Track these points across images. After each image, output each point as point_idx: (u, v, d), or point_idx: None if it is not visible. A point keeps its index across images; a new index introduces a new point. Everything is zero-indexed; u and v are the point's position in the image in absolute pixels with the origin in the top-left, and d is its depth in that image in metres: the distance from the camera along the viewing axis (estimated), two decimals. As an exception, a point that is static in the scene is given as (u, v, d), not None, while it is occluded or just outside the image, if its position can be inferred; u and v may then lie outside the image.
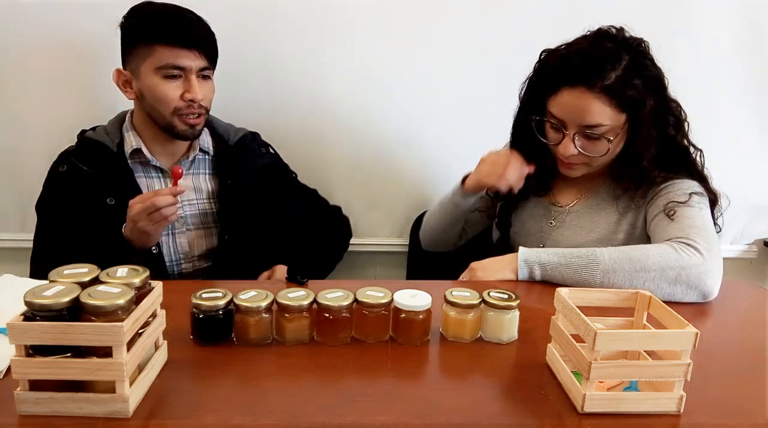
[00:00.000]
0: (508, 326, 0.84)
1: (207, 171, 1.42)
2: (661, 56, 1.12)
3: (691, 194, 1.12)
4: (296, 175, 1.54)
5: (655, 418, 0.68)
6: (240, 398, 0.70)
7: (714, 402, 0.72)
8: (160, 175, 1.36)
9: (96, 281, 0.70)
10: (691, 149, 1.18)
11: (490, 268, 1.12)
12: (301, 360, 0.79)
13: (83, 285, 0.67)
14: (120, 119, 1.39)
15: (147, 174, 1.35)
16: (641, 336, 0.72)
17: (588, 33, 1.14)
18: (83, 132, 1.37)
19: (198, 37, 1.27)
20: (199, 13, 1.30)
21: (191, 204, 1.38)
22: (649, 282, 1.00)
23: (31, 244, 1.35)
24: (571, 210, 1.26)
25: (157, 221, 1.16)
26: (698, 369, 0.67)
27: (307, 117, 1.63)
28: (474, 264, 1.13)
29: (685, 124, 1.17)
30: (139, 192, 1.30)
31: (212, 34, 1.31)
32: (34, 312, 0.63)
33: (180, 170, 1.19)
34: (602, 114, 1.09)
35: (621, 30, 1.12)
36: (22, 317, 0.63)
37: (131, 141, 1.33)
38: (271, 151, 1.49)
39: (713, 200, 1.16)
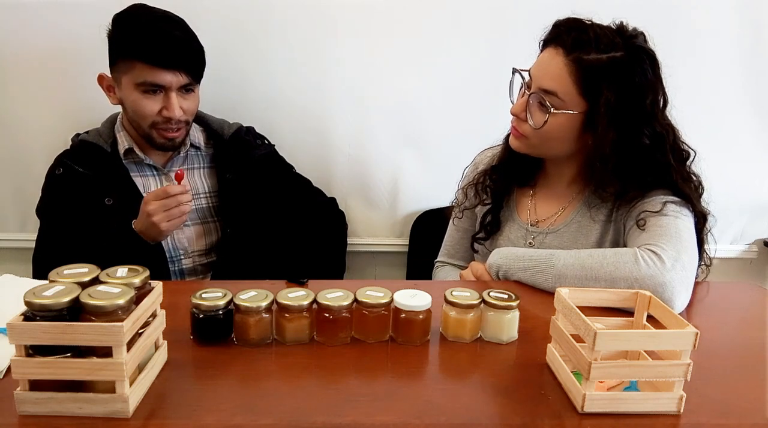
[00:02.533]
0: (508, 326, 0.84)
1: (202, 165, 1.42)
2: (661, 56, 1.12)
3: (665, 203, 1.06)
4: (293, 167, 1.54)
5: (655, 418, 0.68)
6: (240, 398, 0.70)
7: (714, 402, 0.72)
8: (155, 172, 1.37)
9: (96, 281, 0.70)
10: (693, 178, 1.12)
11: (480, 268, 1.16)
12: (301, 360, 0.79)
13: (83, 285, 0.67)
14: (112, 120, 1.40)
15: (142, 172, 1.36)
16: (641, 336, 0.71)
17: (612, 23, 1.10)
18: (77, 135, 1.38)
19: (181, 56, 1.23)
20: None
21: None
22: None
23: (31, 244, 1.36)
24: (551, 229, 1.21)
25: (175, 217, 1.19)
26: (698, 369, 0.67)
27: (307, 118, 1.63)
28: (472, 263, 1.18)
29: (680, 149, 1.10)
30: (136, 191, 1.31)
31: (197, 51, 1.27)
32: (34, 312, 0.63)
33: (181, 171, 1.22)
34: (561, 83, 1.05)
35: (640, 34, 1.08)
36: (22, 317, 0.63)
37: (123, 141, 1.34)
38: (267, 142, 1.49)
39: (700, 219, 1.09)
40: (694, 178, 1.12)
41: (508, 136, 1.25)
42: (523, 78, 1.15)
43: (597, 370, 0.66)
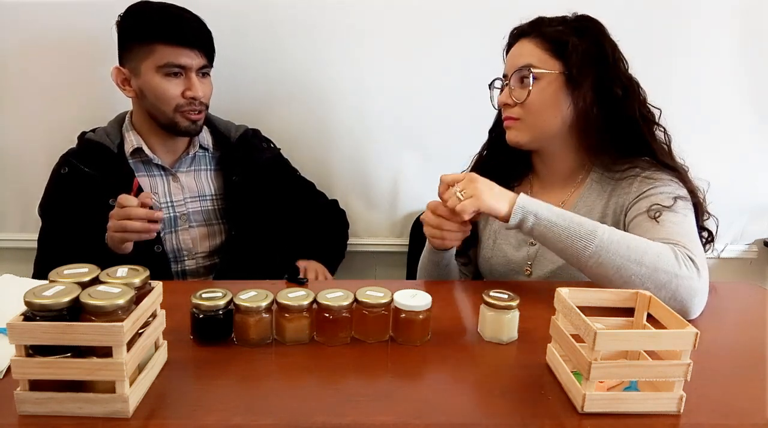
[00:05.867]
0: (508, 326, 0.84)
1: (209, 167, 1.42)
2: (661, 57, 1.12)
3: (676, 199, 1.06)
4: (298, 171, 1.55)
5: (655, 418, 0.68)
6: (240, 398, 0.70)
7: (714, 402, 0.72)
8: (162, 172, 1.37)
9: (96, 281, 0.70)
10: (659, 134, 1.13)
11: (490, 193, 0.99)
12: (301, 360, 0.79)
13: (83, 285, 0.67)
14: (119, 120, 1.39)
15: (149, 172, 1.36)
16: (641, 336, 0.71)
17: None
18: (83, 133, 1.38)
19: (198, 36, 1.28)
20: (201, 12, 1.30)
21: (193, 201, 1.39)
22: (636, 277, 0.91)
23: (31, 244, 1.35)
24: None
25: (120, 231, 1.13)
26: (698, 369, 0.67)
27: (308, 118, 1.63)
28: (475, 176, 1.01)
29: (654, 111, 1.13)
30: (140, 192, 1.30)
31: (210, 33, 1.32)
32: (34, 312, 0.63)
33: (135, 181, 1.20)
34: (531, 54, 1.12)
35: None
36: (22, 317, 0.63)
37: (132, 140, 1.34)
38: (272, 145, 1.50)
39: (693, 194, 1.10)
40: (656, 125, 1.14)
41: (476, 156, 1.30)
42: (502, 85, 1.20)
43: (597, 370, 0.66)
